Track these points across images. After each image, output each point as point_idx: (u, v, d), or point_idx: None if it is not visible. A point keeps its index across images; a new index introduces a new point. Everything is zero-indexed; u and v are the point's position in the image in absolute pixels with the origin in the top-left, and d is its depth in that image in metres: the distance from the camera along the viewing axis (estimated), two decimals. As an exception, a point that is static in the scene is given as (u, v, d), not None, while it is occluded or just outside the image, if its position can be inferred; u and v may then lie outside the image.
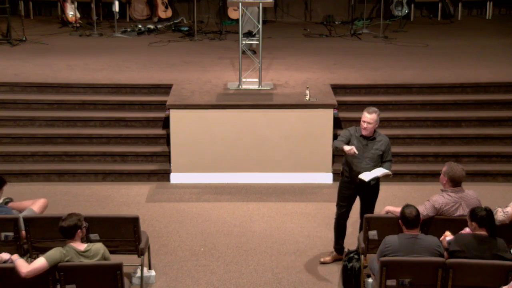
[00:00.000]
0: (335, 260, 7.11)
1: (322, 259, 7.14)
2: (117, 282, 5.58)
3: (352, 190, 6.88)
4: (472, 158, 9.35)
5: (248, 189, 8.98)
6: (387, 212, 6.50)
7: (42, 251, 6.01)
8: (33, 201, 6.90)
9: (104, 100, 9.87)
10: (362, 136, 6.74)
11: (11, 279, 5.49)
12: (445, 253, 5.77)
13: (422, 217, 5.94)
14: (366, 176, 6.64)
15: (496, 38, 13.28)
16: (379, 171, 6.68)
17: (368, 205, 6.94)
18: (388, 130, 9.48)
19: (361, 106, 9.71)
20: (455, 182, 6.28)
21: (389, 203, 7.73)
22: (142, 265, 6.52)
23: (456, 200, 6.25)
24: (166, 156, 9.30)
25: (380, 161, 6.76)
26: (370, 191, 6.88)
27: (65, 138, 9.48)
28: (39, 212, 6.78)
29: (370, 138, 6.74)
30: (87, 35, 13.42)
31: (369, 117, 6.65)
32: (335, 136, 9.12)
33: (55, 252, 5.55)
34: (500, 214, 5.99)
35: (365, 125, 6.68)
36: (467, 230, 5.84)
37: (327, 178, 9.12)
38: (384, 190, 8.84)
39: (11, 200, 6.96)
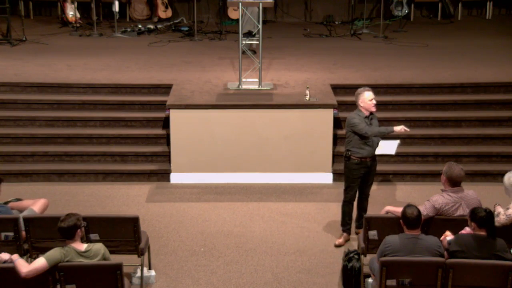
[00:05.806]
0: (346, 241, 7.42)
1: (337, 242, 7.42)
2: (117, 282, 5.59)
3: (362, 171, 7.23)
4: (472, 158, 9.35)
5: (248, 189, 8.97)
6: (387, 212, 6.51)
7: (42, 251, 6.01)
8: (34, 201, 6.91)
9: (104, 100, 9.87)
10: (365, 117, 7.15)
11: (11, 279, 5.49)
12: (445, 253, 5.77)
13: (422, 217, 5.94)
14: (389, 149, 7.17)
15: (496, 38, 13.29)
16: (393, 143, 7.20)
17: (369, 182, 7.41)
18: (388, 130, 9.52)
19: (361, 106, 9.80)
20: (453, 182, 6.29)
21: (389, 203, 7.74)
22: (142, 265, 6.52)
23: (456, 200, 6.25)
24: (166, 156, 9.30)
25: None
26: (374, 167, 7.39)
27: (65, 138, 9.48)
28: (40, 212, 6.78)
29: (369, 116, 7.19)
30: (87, 35, 13.43)
31: (372, 94, 7.11)
32: (335, 136, 9.15)
33: (55, 252, 5.55)
34: (502, 217, 5.97)
35: (374, 101, 7.12)
36: (467, 230, 5.84)
37: (327, 178, 9.11)
38: (384, 190, 8.89)
39: (18, 200, 6.95)
